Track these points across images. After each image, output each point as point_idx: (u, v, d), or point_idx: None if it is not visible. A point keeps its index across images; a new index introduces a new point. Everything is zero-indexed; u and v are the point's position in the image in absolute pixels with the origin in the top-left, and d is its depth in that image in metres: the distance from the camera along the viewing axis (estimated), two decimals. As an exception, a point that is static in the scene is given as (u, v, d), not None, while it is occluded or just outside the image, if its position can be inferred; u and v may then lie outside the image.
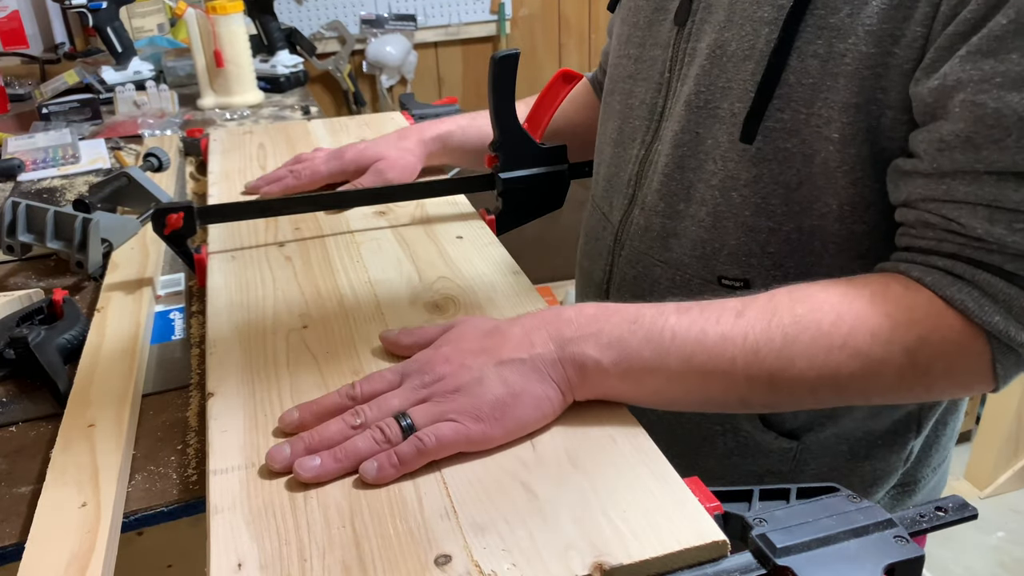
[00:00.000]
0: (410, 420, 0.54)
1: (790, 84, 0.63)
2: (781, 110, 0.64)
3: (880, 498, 0.80)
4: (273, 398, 0.61)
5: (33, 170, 1.31)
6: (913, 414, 0.76)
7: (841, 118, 0.61)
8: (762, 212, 0.67)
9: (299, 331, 0.70)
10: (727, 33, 0.67)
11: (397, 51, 2.55)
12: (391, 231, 0.90)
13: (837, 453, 0.76)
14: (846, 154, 0.62)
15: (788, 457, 0.76)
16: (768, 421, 0.75)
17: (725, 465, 0.79)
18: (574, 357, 0.56)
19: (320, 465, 0.52)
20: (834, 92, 0.61)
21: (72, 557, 0.51)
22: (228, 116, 1.67)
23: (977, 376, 0.57)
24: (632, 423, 0.57)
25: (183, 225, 0.81)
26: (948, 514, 0.50)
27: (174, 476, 0.62)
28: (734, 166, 0.67)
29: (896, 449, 0.77)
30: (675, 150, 0.72)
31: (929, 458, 0.81)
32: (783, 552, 0.46)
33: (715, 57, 0.68)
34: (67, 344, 0.76)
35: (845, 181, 0.63)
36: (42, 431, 0.68)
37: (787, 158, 0.64)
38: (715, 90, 0.68)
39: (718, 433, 0.78)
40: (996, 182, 0.54)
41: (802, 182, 0.65)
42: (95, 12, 1.77)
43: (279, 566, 0.46)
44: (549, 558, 0.46)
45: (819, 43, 0.61)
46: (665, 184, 0.74)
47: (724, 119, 0.68)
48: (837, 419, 0.74)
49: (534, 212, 0.95)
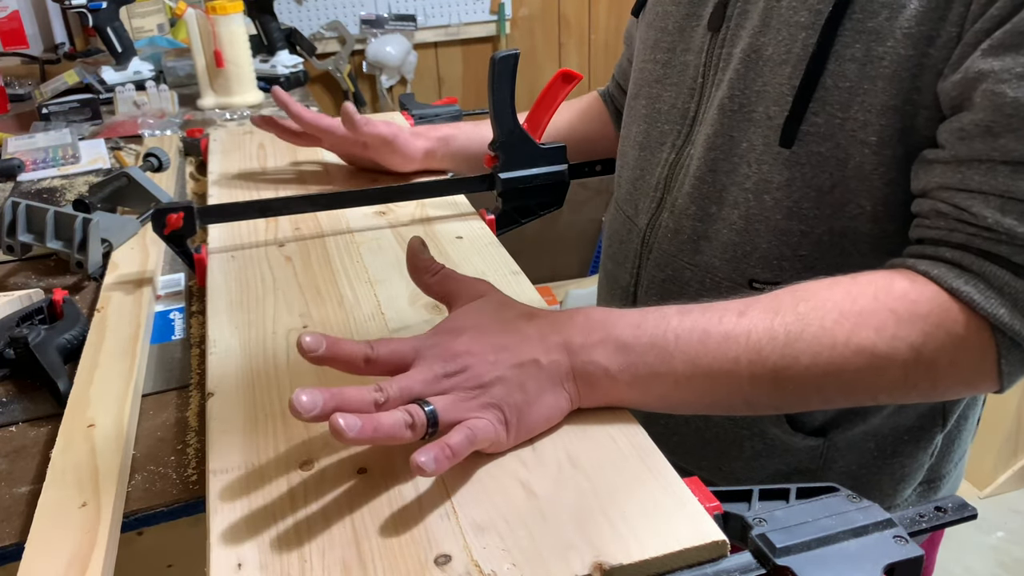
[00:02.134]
0: (433, 409, 0.51)
1: (827, 88, 0.63)
2: (816, 114, 0.64)
3: (908, 496, 0.80)
4: (273, 398, 0.61)
5: (33, 170, 1.31)
6: (938, 407, 0.76)
7: (879, 121, 0.61)
8: (794, 215, 0.67)
9: (299, 331, 0.70)
10: (763, 38, 0.67)
11: (397, 51, 2.55)
12: (391, 231, 0.90)
13: (864, 450, 0.76)
14: (882, 156, 0.62)
15: (816, 455, 0.76)
16: (795, 422, 0.75)
17: (752, 467, 0.79)
18: (584, 366, 0.56)
19: (357, 426, 0.47)
20: (872, 95, 0.61)
21: (72, 557, 0.51)
22: (228, 116, 1.67)
23: (982, 373, 0.57)
24: (632, 423, 0.57)
25: (183, 225, 0.81)
26: (948, 514, 0.50)
27: (174, 476, 0.62)
28: (768, 169, 0.67)
29: (923, 444, 0.77)
30: (708, 153, 0.72)
31: (951, 453, 0.81)
32: (783, 552, 0.46)
33: (750, 62, 0.68)
34: (67, 344, 0.76)
35: (880, 183, 0.63)
36: (42, 431, 0.68)
37: (821, 162, 0.65)
38: (750, 94, 0.68)
39: (745, 437, 0.77)
40: (1010, 173, 0.54)
41: (835, 185, 0.65)
42: (95, 12, 1.77)
43: (279, 566, 0.46)
44: (549, 558, 0.46)
45: (857, 47, 0.61)
46: (697, 187, 0.74)
47: (759, 123, 0.68)
48: (865, 415, 0.74)
49: (534, 212, 0.95)
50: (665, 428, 0.63)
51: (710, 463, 0.81)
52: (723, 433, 0.79)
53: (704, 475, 0.53)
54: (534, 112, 0.92)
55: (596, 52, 2.84)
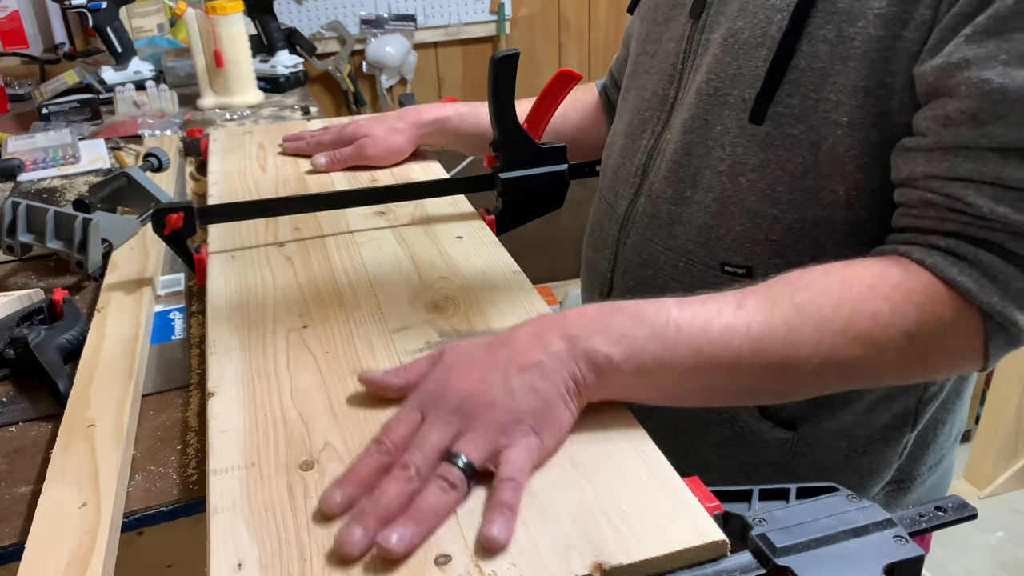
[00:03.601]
0: (464, 457, 0.50)
1: (800, 68, 0.64)
2: (791, 95, 0.64)
3: (875, 494, 0.80)
4: (273, 398, 0.61)
5: (33, 170, 1.31)
6: (910, 408, 0.76)
7: (850, 101, 0.62)
8: (767, 199, 0.68)
9: (299, 331, 0.70)
10: (740, 22, 0.69)
11: (397, 51, 2.55)
12: (391, 231, 0.90)
13: (835, 448, 0.77)
14: (855, 138, 0.63)
15: (785, 448, 0.77)
16: (765, 410, 0.76)
17: (721, 455, 0.80)
18: (587, 354, 0.55)
19: (407, 535, 0.46)
20: (843, 76, 0.62)
21: (72, 557, 0.51)
22: (228, 116, 1.67)
23: (969, 355, 0.58)
24: (632, 423, 0.57)
25: (183, 225, 0.81)
26: (948, 514, 0.50)
27: (174, 476, 0.62)
28: (742, 151, 0.68)
29: (892, 444, 0.77)
30: (684, 137, 0.73)
31: (924, 456, 0.81)
32: (783, 552, 0.46)
33: (728, 46, 0.69)
34: (67, 344, 0.76)
35: (853, 166, 0.64)
36: (42, 431, 0.68)
37: (794, 144, 0.65)
38: (726, 77, 0.69)
39: (714, 422, 0.78)
40: (999, 159, 0.54)
41: (808, 170, 0.66)
42: (95, 12, 1.77)
43: (279, 566, 0.46)
44: (549, 558, 0.46)
45: (829, 28, 0.62)
46: (673, 171, 0.75)
47: (734, 105, 0.69)
48: (835, 411, 0.75)
49: (534, 212, 0.95)
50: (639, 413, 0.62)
51: (680, 448, 0.81)
52: (692, 417, 0.78)
53: (673, 461, 0.53)
54: (534, 112, 0.92)
55: (596, 52, 2.83)
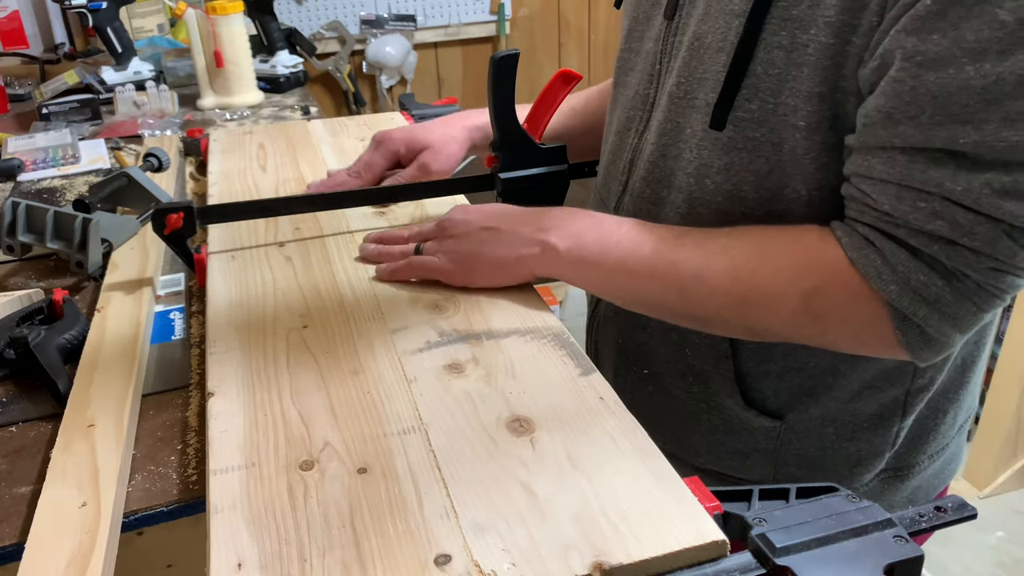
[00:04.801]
0: (420, 248, 0.79)
1: (758, 75, 0.65)
2: (750, 100, 0.66)
3: (869, 481, 0.81)
4: (273, 398, 0.61)
5: (33, 170, 1.31)
6: (899, 399, 0.77)
7: (806, 107, 0.63)
8: (735, 198, 0.70)
9: (299, 331, 0.70)
10: (704, 26, 0.70)
11: (397, 51, 2.55)
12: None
13: (823, 435, 0.78)
14: (812, 141, 0.64)
15: (772, 436, 0.79)
16: (749, 399, 0.78)
17: (711, 442, 0.82)
18: (542, 240, 0.73)
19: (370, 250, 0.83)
20: (799, 81, 0.63)
21: (72, 557, 0.51)
22: (228, 116, 1.67)
23: (877, 338, 0.62)
24: (632, 423, 0.58)
25: (183, 225, 0.81)
26: (947, 514, 0.50)
27: (174, 476, 0.62)
28: (707, 154, 0.70)
29: (881, 432, 0.78)
30: (659, 139, 0.75)
31: (924, 444, 0.82)
32: (783, 552, 0.46)
33: (694, 49, 0.71)
34: (67, 344, 0.76)
35: (812, 167, 0.65)
36: (42, 431, 0.68)
37: (757, 147, 0.67)
38: (693, 81, 0.71)
39: (703, 411, 0.81)
40: (907, 161, 0.58)
41: (772, 169, 0.67)
42: (95, 12, 1.77)
43: (279, 566, 0.46)
44: (549, 558, 0.46)
45: (783, 34, 0.63)
46: (650, 171, 0.77)
47: (700, 108, 0.70)
48: (819, 398, 0.76)
49: (534, 212, 0.95)
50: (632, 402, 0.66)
51: (673, 436, 0.84)
52: (683, 406, 0.82)
53: (669, 448, 0.57)
54: (534, 112, 0.92)
55: (596, 52, 2.84)
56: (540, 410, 0.59)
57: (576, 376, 0.63)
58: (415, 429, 0.58)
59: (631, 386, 0.86)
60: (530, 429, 0.57)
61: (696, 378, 0.79)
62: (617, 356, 0.87)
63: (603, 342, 0.90)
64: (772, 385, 0.77)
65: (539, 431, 0.57)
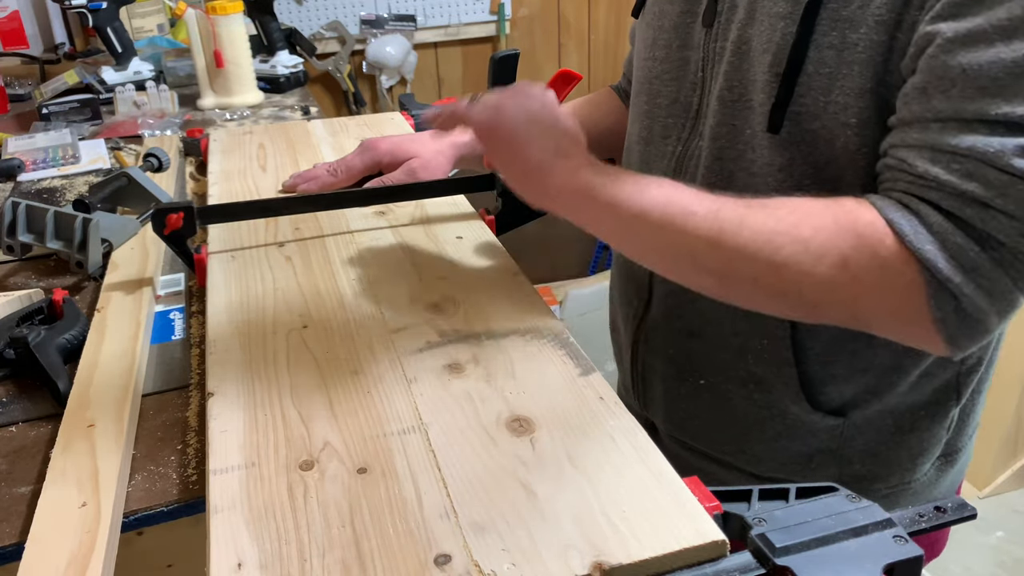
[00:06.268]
0: None
1: (809, 74, 0.66)
2: (803, 96, 0.67)
3: (927, 470, 0.82)
4: (273, 398, 0.61)
5: (33, 170, 1.31)
6: (951, 382, 0.78)
7: (858, 103, 0.64)
8: (798, 192, 0.70)
9: (299, 331, 0.70)
10: (749, 30, 0.71)
11: (397, 51, 2.55)
12: (391, 231, 0.90)
13: (883, 427, 0.79)
14: (864, 137, 0.65)
15: (835, 435, 0.79)
16: (815, 401, 0.77)
17: (773, 448, 0.81)
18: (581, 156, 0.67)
19: None
20: (849, 79, 0.64)
21: (72, 557, 0.51)
22: (228, 116, 1.67)
23: (912, 310, 0.60)
24: (632, 423, 0.58)
25: (183, 225, 0.81)
26: (947, 514, 0.50)
27: (174, 476, 0.62)
28: (768, 152, 0.71)
29: (939, 419, 0.79)
30: (713, 143, 0.75)
31: (967, 426, 0.83)
32: (782, 552, 0.46)
33: (740, 53, 0.72)
34: (67, 344, 0.76)
35: (864, 162, 0.66)
36: (42, 431, 0.68)
37: (814, 139, 0.68)
38: (745, 83, 0.72)
39: (766, 418, 0.80)
40: (940, 129, 0.59)
41: (828, 161, 0.68)
42: (95, 12, 1.77)
43: (279, 566, 0.46)
44: (549, 558, 0.46)
45: (834, 35, 0.65)
46: (706, 176, 0.77)
47: (755, 110, 0.71)
48: (881, 394, 0.77)
49: (534, 212, 0.94)
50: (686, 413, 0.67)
51: (733, 446, 0.83)
52: (744, 415, 0.81)
53: (728, 459, 0.56)
54: (534, 112, 0.92)
55: (596, 52, 2.83)
56: (540, 410, 0.59)
57: (576, 376, 0.63)
58: (415, 429, 0.58)
59: (685, 397, 0.85)
60: (530, 429, 0.57)
61: (758, 385, 0.78)
62: (668, 367, 0.86)
63: (651, 353, 0.87)
64: (838, 387, 0.76)
65: (539, 431, 0.57)
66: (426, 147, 1.01)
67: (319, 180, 1.01)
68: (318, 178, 1.01)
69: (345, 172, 1.01)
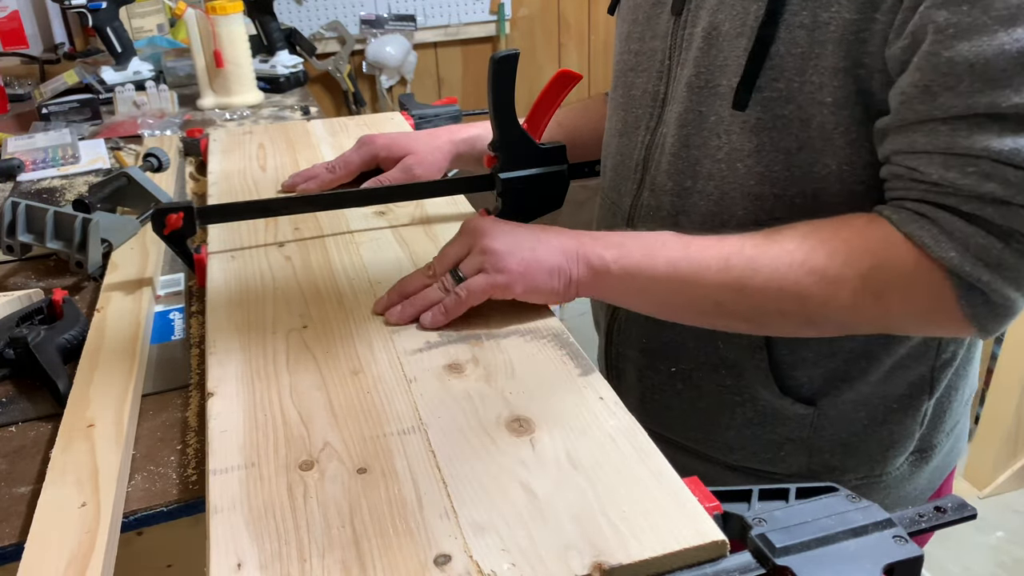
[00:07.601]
0: (460, 272, 0.69)
1: (781, 55, 0.66)
2: (776, 79, 0.67)
3: (900, 464, 0.82)
4: (273, 398, 0.61)
5: (33, 170, 1.31)
6: (925, 376, 0.78)
7: (832, 82, 0.64)
8: (766, 180, 0.70)
9: (299, 331, 0.70)
10: (720, 15, 0.71)
11: (397, 51, 2.55)
12: (391, 231, 0.90)
13: (854, 419, 0.79)
14: (840, 116, 0.65)
15: (806, 423, 0.79)
16: (785, 387, 0.78)
17: (745, 436, 0.81)
18: (587, 255, 0.68)
19: (401, 311, 0.70)
20: (823, 58, 0.64)
21: (72, 557, 0.51)
22: (228, 116, 1.67)
23: (942, 312, 0.61)
24: (632, 423, 0.58)
25: (183, 225, 0.81)
26: (947, 514, 0.50)
27: (174, 476, 0.62)
28: (736, 138, 0.70)
29: (911, 412, 0.79)
30: (680, 130, 0.75)
31: (942, 423, 0.83)
32: (782, 552, 0.46)
33: (711, 38, 0.71)
34: (67, 344, 0.76)
35: (842, 142, 0.66)
36: (42, 431, 0.68)
37: (785, 124, 0.68)
38: (713, 69, 0.71)
39: (737, 403, 0.80)
40: (949, 131, 0.58)
41: (801, 147, 0.68)
42: (95, 12, 1.77)
43: (279, 566, 0.46)
44: (549, 558, 0.46)
45: (804, 14, 0.64)
46: (672, 164, 0.77)
47: (724, 95, 0.71)
48: (852, 383, 0.77)
49: (534, 212, 0.95)
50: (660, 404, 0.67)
51: (703, 434, 0.84)
52: (716, 402, 0.81)
53: (700, 448, 0.56)
54: (534, 112, 0.92)
55: (596, 52, 2.84)
56: (540, 410, 0.59)
57: (576, 376, 0.63)
58: (415, 429, 0.58)
59: (658, 386, 0.85)
60: (530, 429, 0.57)
61: (729, 370, 0.79)
62: (641, 357, 0.86)
63: (625, 344, 0.88)
64: (807, 372, 0.77)
65: (539, 431, 0.57)
66: (422, 144, 1.02)
67: (318, 178, 1.01)
68: (317, 176, 1.02)
69: (343, 168, 1.02)
